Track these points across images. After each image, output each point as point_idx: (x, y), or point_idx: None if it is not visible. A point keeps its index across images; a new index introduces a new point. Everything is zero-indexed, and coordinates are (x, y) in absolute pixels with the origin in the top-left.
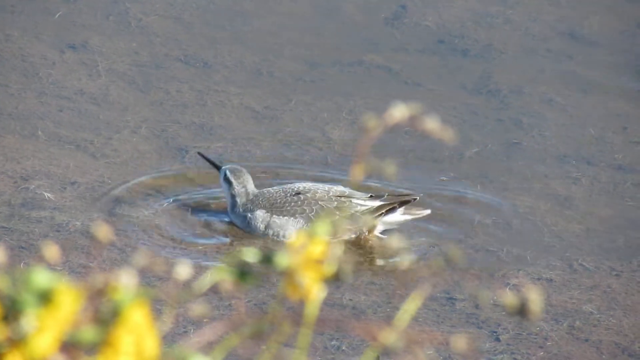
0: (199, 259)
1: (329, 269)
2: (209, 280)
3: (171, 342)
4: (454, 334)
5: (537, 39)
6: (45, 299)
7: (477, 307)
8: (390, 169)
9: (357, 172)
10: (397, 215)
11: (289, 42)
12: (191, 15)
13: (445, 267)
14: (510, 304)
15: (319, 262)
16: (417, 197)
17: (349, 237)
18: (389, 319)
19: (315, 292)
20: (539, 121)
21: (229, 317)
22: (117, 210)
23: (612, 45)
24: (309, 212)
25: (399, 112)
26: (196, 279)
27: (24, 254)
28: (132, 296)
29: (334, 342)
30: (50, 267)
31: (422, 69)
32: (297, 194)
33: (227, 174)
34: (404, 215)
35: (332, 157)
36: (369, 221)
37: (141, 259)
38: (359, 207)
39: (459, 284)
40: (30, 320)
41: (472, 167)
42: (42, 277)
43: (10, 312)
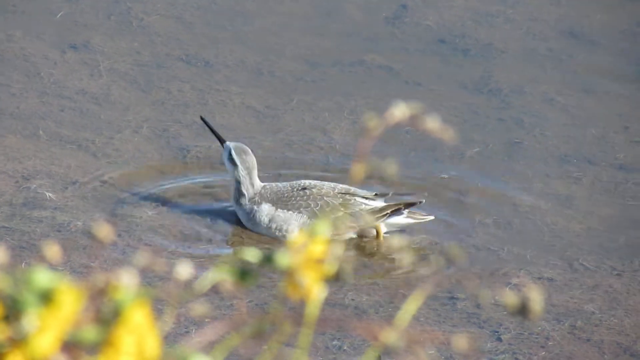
0: (202, 259)
1: (330, 268)
2: (210, 280)
3: (172, 342)
4: (455, 333)
5: (538, 39)
6: (46, 298)
7: (478, 306)
8: (391, 169)
9: (358, 171)
10: (401, 218)
11: (290, 42)
12: (192, 15)
13: (446, 267)
14: (511, 304)
15: (320, 261)
16: (423, 200)
17: (351, 235)
18: (391, 319)
19: (316, 291)
20: (540, 121)
21: (230, 316)
22: (119, 210)
23: (613, 44)
24: (313, 207)
25: (400, 111)
26: (197, 278)
27: (25, 254)
28: (133, 296)
29: (335, 342)
30: (51, 267)
31: (423, 69)
32: (304, 189)
33: (232, 153)
34: (407, 218)
35: (334, 156)
36: (372, 220)
37: (142, 258)
38: (363, 206)
39: (460, 283)
40: (31, 320)
41: (473, 166)
42: (43, 277)
43: (11, 311)
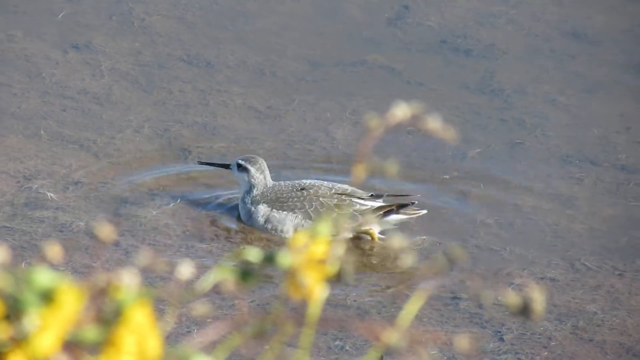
0: (205, 259)
1: (331, 269)
2: (211, 280)
3: (174, 342)
4: (457, 333)
5: (540, 39)
6: (47, 298)
7: (480, 307)
8: (392, 169)
9: (360, 171)
10: (392, 215)
11: (292, 42)
12: (194, 15)
13: (448, 267)
14: (513, 304)
15: (321, 262)
16: (416, 201)
17: (347, 235)
18: (393, 320)
19: (317, 292)
20: (542, 121)
21: (232, 317)
22: (121, 210)
23: (615, 45)
24: (308, 208)
25: (402, 111)
26: (199, 278)
27: (27, 254)
28: (135, 296)
29: (337, 342)
30: (53, 267)
31: (425, 69)
32: (302, 189)
33: (241, 162)
34: (400, 215)
35: (336, 156)
36: (368, 220)
37: (144, 258)
38: (358, 206)
39: (462, 283)
40: (32, 319)
41: (475, 166)
42: (44, 277)
43: (12, 311)
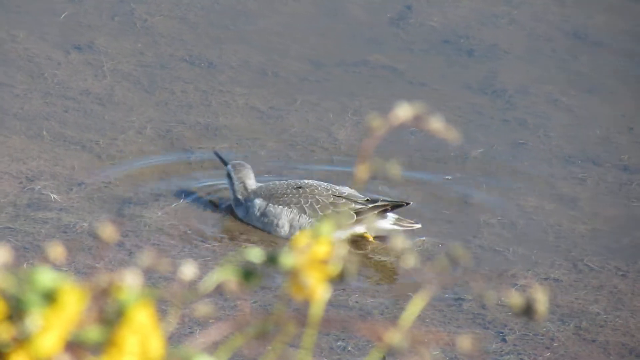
0: (208, 259)
1: (334, 269)
2: (214, 280)
3: (176, 342)
4: (460, 334)
5: (542, 39)
6: (49, 298)
7: (483, 307)
8: (394, 169)
9: (362, 172)
10: (387, 223)
11: (294, 42)
12: (196, 15)
13: (450, 268)
14: (515, 304)
15: (324, 262)
16: (410, 202)
17: (342, 235)
18: (396, 320)
19: (320, 292)
20: (544, 121)
21: (234, 317)
22: (125, 211)
23: (618, 45)
24: (303, 204)
25: (404, 112)
26: (202, 279)
27: (30, 255)
28: (137, 296)
29: (340, 343)
30: (56, 267)
31: (427, 69)
32: (298, 187)
33: (229, 169)
34: (394, 225)
35: (338, 157)
36: (363, 218)
37: (146, 259)
38: (353, 205)
39: (465, 284)
40: (35, 319)
41: (477, 167)
42: (46, 277)
43: (15, 311)
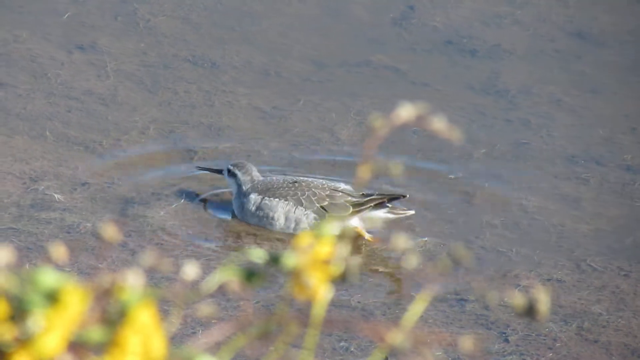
0: (210, 259)
1: (336, 269)
2: (216, 280)
3: (179, 342)
4: (462, 334)
5: (545, 40)
6: (52, 298)
7: (486, 308)
8: (397, 169)
9: (365, 171)
10: (382, 212)
11: (297, 43)
12: (199, 15)
13: (452, 268)
14: (518, 305)
15: (326, 262)
16: (407, 195)
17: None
18: (398, 321)
19: (322, 292)
20: (547, 121)
21: (237, 317)
22: (128, 211)
23: (621, 45)
24: (300, 196)
25: (407, 112)
26: (204, 279)
27: (33, 255)
28: (140, 296)
29: (342, 343)
30: (58, 267)
31: (430, 69)
32: (294, 182)
33: (231, 168)
34: (388, 213)
35: (340, 157)
36: (365, 212)
37: (149, 259)
38: (349, 198)
39: (468, 284)
40: (37, 320)
41: (480, 167)
42: (49, 277)
43: (18, 312)
